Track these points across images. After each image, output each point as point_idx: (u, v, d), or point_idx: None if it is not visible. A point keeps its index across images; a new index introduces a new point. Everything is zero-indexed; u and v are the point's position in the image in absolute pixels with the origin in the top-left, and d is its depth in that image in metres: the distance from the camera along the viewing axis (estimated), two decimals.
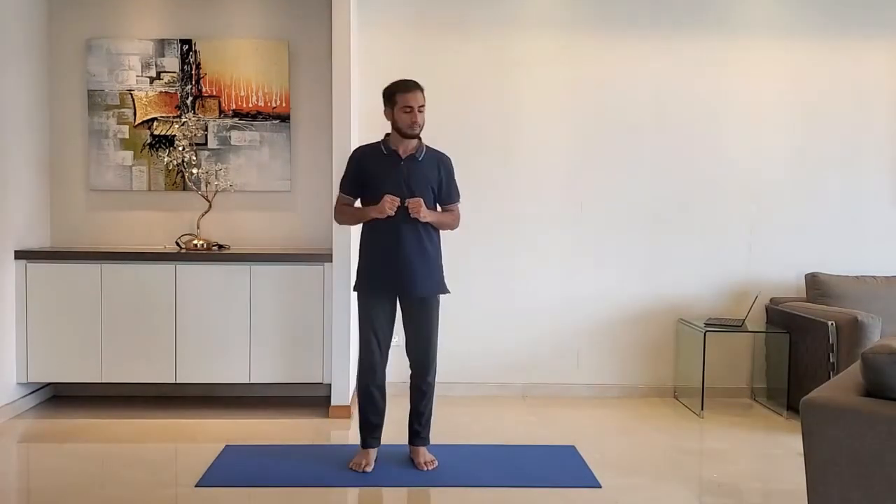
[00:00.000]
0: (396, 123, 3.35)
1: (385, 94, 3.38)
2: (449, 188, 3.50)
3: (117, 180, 4.68)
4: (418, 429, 3.53)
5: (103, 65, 4.64)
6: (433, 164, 3.44)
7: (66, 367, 4.29)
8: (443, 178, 3.46)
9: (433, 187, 3.43)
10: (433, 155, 3.47)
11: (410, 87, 3.34)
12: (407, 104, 3.30)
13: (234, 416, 4.29)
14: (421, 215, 3.31)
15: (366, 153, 3.49)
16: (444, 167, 3.48)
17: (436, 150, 3.50)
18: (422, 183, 3.38)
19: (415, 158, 3.40)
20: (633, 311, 4.86)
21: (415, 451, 3.53)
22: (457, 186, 3.55)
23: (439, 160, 3.48)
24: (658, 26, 4.78)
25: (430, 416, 3.56)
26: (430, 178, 3.42)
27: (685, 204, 4.84)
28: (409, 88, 3.33)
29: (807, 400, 2.25)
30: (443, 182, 3.46)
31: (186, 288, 4.28)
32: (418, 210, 3.30)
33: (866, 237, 4.89)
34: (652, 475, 3.46)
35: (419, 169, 3.39)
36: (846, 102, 4.86)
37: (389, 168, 3.38)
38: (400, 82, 3.37)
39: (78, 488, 3.22)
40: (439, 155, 3.50)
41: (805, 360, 4.38)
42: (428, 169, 3.42)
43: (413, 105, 3.30)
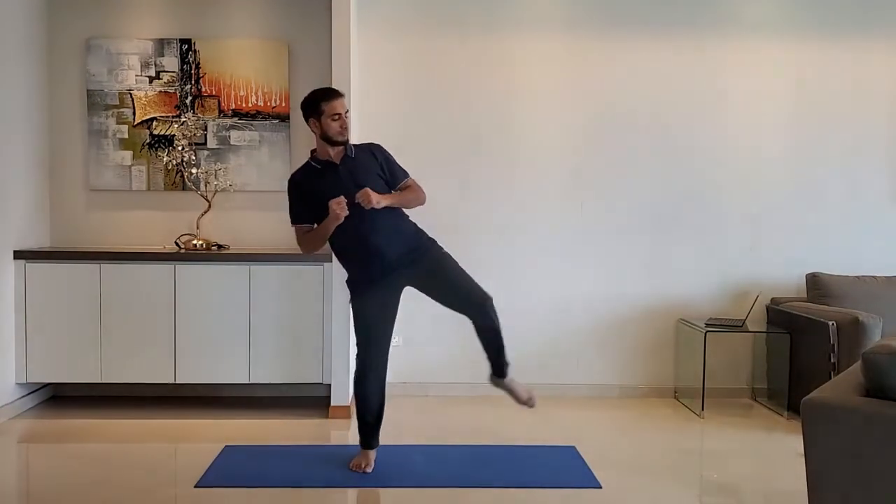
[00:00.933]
0: (326, 132, 3.30)
1: (308, 105, 3.33)
2: (392, 170, 3.46)
3: (117, 180, 4.68)
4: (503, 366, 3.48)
5: (103, 65, 4.64)
6: (367, 155, 3.42)
7: (65, 368, 4.28)
8: (382, 163, 3.43)
9: (379, 174, 3.40)
10: (363, 147, 3.46)
11: (334, 94, 3.32)
12: (335, 112, 3.28)
13: (233, 416, 4.29)
14: (374, 202, 3.24)
15: (301, 178, 3.43)
16: (379, 153, 3.45)
17: (362, 144, 3.51)
18: (367, 176, 3.34)
19: (348, 158, 3.38)
20: (633, 311, 4.86)
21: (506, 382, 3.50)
22: (399, 165, 3.50)
23: (370, 149, 3.46)
24: (658, 26, 4.77)
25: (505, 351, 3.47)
26: (371, 168, 3.39)
27: (685, 204, 4.84)
28: (333, 96, 3.31)
29: (807, 400, 2.25)
30: (384, 168, 3.42)
31: (186, 288, 4.27)
32: (369, 200, 3.23)
33: (866, 237, 4.88)
34: (652, 475, 3.46)
35: (357, 164, 3.37)
36: (846, 102, 4.85)
37: (329, 179, 3.34)
38: (320, 92, 3.35)
39: (77, 488, 3.21)
40: (367, 146, 3.49)
41: (805, 360, 4.38)
42: (365, 161, 3.39)
43: (340, 111, 3.29)
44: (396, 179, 3.47)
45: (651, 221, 4.84)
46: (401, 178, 3.49)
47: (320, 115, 3.29)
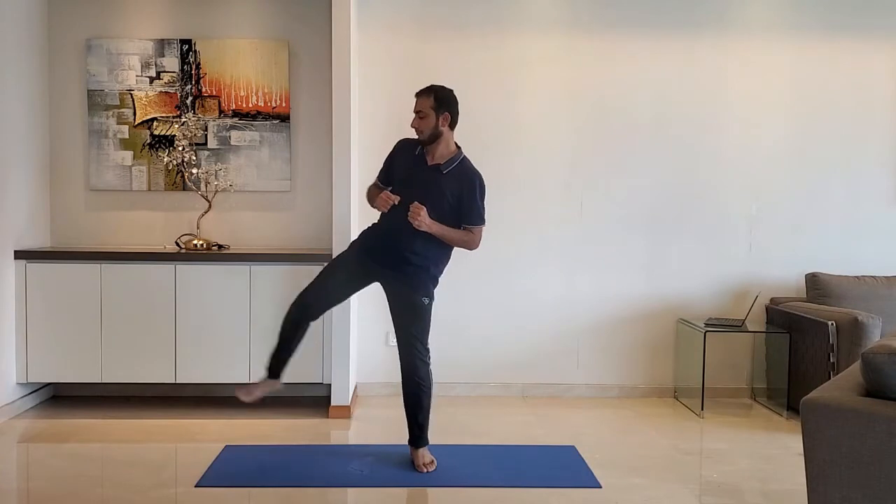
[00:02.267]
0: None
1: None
2: (469, 209, 3.41)
3: (117, 180, 4.68)
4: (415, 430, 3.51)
5: (103, 65, 4.64)
6: (455, 179, 3.39)
7: (65, 368, 4.28)
8: (463, 196, 3.38)
9: (451, 202, 3.37)
10: (462, 170, 3.42)
11: (420, 92, 3.42)
12: (415, 108, 3.40)
13: (234, 416, 4.29)
14: (417, 222, 3.26)
15: (403, 148, 3.54)
16: (467, 186, 3.40)
17: (467, 167, 3.44)
18: (436, 196, 3.34)
19: (438, 169, 3.38)
20: (633, 311, 4.86)
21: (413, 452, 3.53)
22: (479, 210, 3.44)
23: (463, 177, 3.40)
24: (658, 26, 4.78)
25: (427, 417, 3.51)
26: (445, 192, 3.36)
27: (685, 204, 4.84)
28: (418, 93, 3.42)
29: (807, 400, 2.25)
30: (462, 201, 3.39)
31: (186, 288, 4.27)
32: (416, 216, 3.26)
33: (866, 237, 4.89)
34: (652, 475, 3.46)
35: (438, 180, 3.36)
36: (846, 102, 4.85)
37: (413, 169, 3.41)
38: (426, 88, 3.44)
39: (77, 488, 3.22)
40: (467, 172, 3.43)
41: (805, 360, 4.38)
42: (447, 183, 3.37)
43: (414, 110, 3.39)
44: (466, 219, 3.43)
45: (651, 221, 4.84)
46: (473, 221, 3.44)
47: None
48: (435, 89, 3.39)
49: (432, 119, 3.35)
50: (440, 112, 3.36)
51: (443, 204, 3.35)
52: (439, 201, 3.35)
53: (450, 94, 3.41)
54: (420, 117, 3.37)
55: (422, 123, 3.37)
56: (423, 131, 3.37)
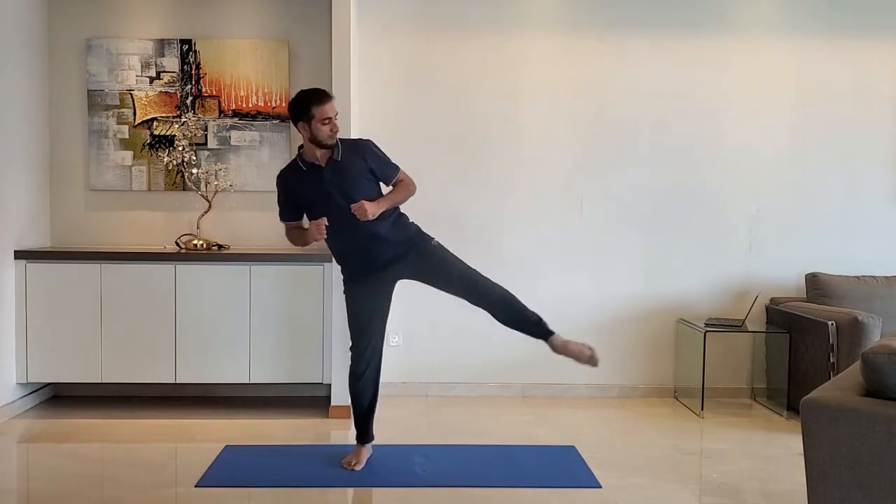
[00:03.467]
0: (315, 136, 3.23)
1: (297, 108, 3.25)
2: (383, 168, 3.38)
3: (117, 180, 4.68)
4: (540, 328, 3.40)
5: (103, 65, 4.64)
6: (354, 155, 3.33)
7: (65, 368, 4.28)
8: (370, 163, 3.34)
9: (367, 177, 3.34)
10: (350, 146, 3.37)
11: (325, 98, 3.24)
12: (325, 116, 3.21)
13: (234, 416, 4.29)
14: (370, 215, 3.22)
15: (287, 177, 3.41)
16: (367, 152, 3.36)
17: (350, 141, 3.42)
18: (352, 181, 3.29)
19: (334, 161, 3.30)
20: (633, 311, 4.86)
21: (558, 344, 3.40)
22: (389, 160, 3.40)
23: (359, 149, 3.37)
24: (658, 26, 4.77)
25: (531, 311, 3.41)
26: (358, 170, 3.31)
27: (685, 204, 4.84)
28: (324, 99, 3.23)
29: (807, 400, 2.25)
30: (373, 167, 3.35)
31: (186, 288, 4.27)
32: (365, 213, 3.21)
33: (866, 237, 4.88)
34: (652, 475, 3.46)
35: (343, 168, 3.30)
36: (846, 102, 4.85)
37: (315, 183, 3.30)
38: (311, 94, 3.26)
39: (78, 488, 3.22)
40: (355, 143, 3.41)
41: (805, 360, 4.38)
42: (352, 163, 3.31)
43: (331, 115, 3.22)
44: (388, 178, 3.41)
45: (651, 221, 4.84)
46: (392, 175, 3.41)
47: (311, 119, 3.21)
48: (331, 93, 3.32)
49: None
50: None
51: (363, 183, 3.31)
52: (359, 183, 3.30)
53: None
54: (335, 119, 3.26)
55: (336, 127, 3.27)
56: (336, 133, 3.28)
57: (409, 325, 4.74)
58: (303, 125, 3.25)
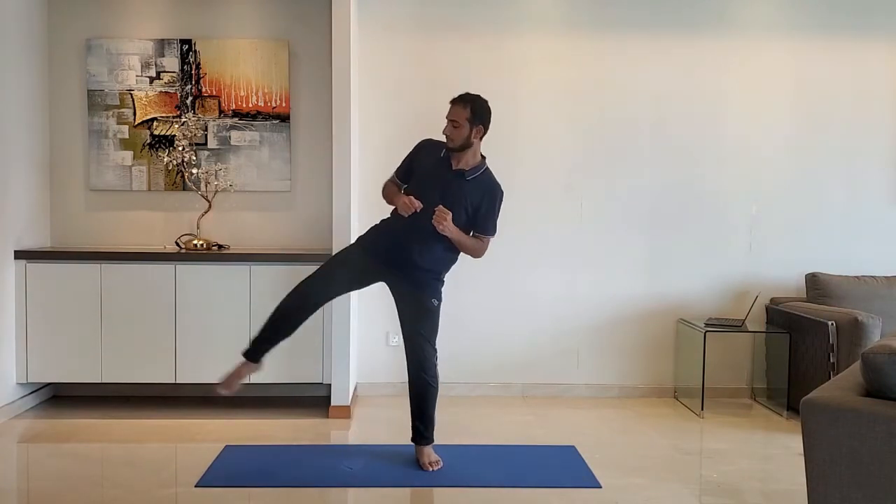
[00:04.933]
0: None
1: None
2: (485, 219, 3.41)
3: (117, 180, 4.68)
4: (420, 428, 3.53)
5: (103, 65, 4.64)
6: (478, 188, 3.38)
7: (65, 368, 4.28)
8: (482, 206, 3.38)
9: (468, 210, 3.37)
10: (484, 180, 3.41)
11: (454, 100, 3.39)
12: (448, 116, 3.37)
13: (234, 416, 4.29)
14: (441, 227, 3.25)
15: (427, 147, 3.50)
16: (488, 197, 3.40)
17: (491, 178, 3.44)
18: (456, 201, 3.33)
19: (463, 174, 3.36)
20: (633, 311, 4.86)
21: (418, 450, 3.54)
22: (495, 222, 3.45)
23: (486, 188, 3.40)
24: (658, 26, 4.78)
25: (432, 415, 3.55)
26: (467, 200, 3.36)
27: (685, 204, 4.84)
28: (453, 101, 3.39)
29: (807, 400, 2.25)
30: (480, 210, 3.38)
31: (186, 288, 4.27)
32: (441, 220, 3.24)
33: (866, 237, 4.89)
34: (652, 475, 3.46)
35: (461, 186, 3.35)
36: (846, 102, 4.85)
37: (436, 171, 3.38)
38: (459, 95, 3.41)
39: (77, 488, 3.22)
40: (490, 183, 3.43)
41: (805, 360, 4.38)
42: (470, 191, 3.36)
43: (447, 117, 3.36)
44: (480, 228, 3.43)
45: (651, 221, 4.84)
46: (486, 231, 3.45)
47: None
48: (472, 100, 3.36)
49: (466, 130, 3.33)
50: (475, 124, 3.35)
51: (460, 210, 3.34)
52: (458, 206, 3.33)
53: (486, 106, 3.40)
54: (454, 126, 3.33)
55: (454, 133, 3.33)
56: (455, 140, 3.34)
57: None
58: None
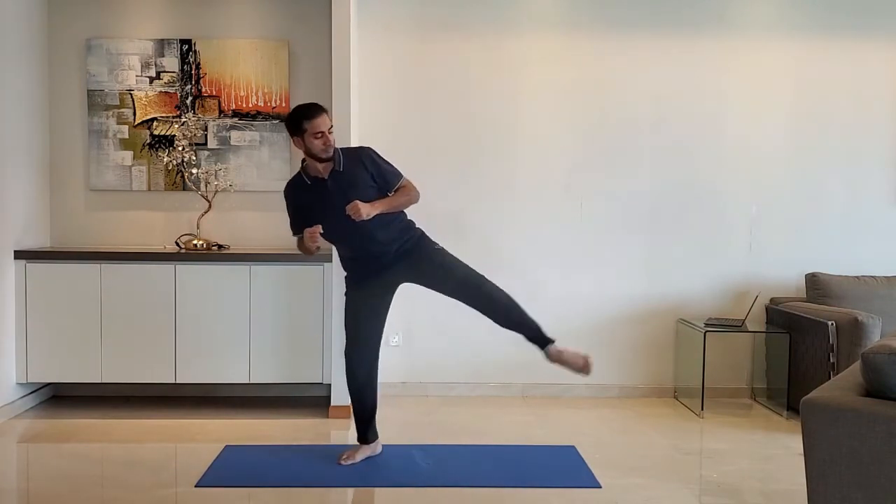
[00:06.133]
0: (310, 150, 3.27)
1: (291, 123, 3.29)
2: (384, 176, 3.38)
3: (117, 180, 4.68)
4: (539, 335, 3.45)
5: (103, 65, 4.64)
6: (356, 165, 3.35)
7: (65, 368, 4.28)
8: (371, 170, 3.36)
9: (371, 184, 3.35)
10: (351, 156, 3.38)
11: (316, 112, 3.25)
12: (317, 130, 3.22)
13: (234, 416, 4.29)
14: (364, 215, 3.21)
15: (293, 190, 3.43)
16: (368, 161, 3.37)
17: (350, 149, 3.45)
18: (356, 189, 3.30)
19: (336, 172, 3.33)
20: (633, 311, 4.86)
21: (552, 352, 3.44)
22: (391, 167, 3.41)
23: (360, 157, 3.38)
24: (658, 26, 4.77)
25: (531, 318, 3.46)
26: (361, 179, 3.33)
27: (685, 204, 4.84)
28: (315, 114, 3.25)
29: (807, 400, 2.25)
30: (374, 174, 3.36)
31: (186, 288, 4.27)
32: (359, 213, 3.20)
33: (866, 237, 4.88)
34: (652, 475, 3.46)
35: (346, 179, 3.32)
36: (846, 102, 4.85)
37: (318, 195, 3.33)
38: (303, 109, 3.28)
39: (77, 488, 3.22)
40: (355, 151, 3.43)
41: (805, 360, 4.38)
42: (354, 173, 3.34)
43: (323, 129, 3.23)
44: (389, 184, 3.41)
45: (651, 221, 4.84)
46: (394, 182, 3.41)
47: (303, 133, 3.24)
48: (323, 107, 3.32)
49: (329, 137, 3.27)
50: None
51: (366, 191, 3.31)
52: (363, 192, 3.30)
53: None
54: (329, 133, 3.26)
55: (329, 140, 3.26)
56: (330, 147, 3.28)
57: (409, 325, 4.74)
58: (297, 140, 3.29)
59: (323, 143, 3.25)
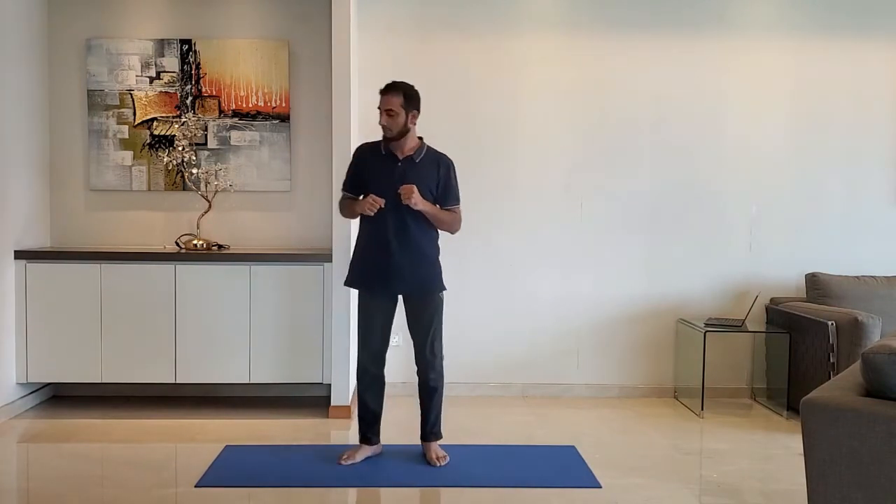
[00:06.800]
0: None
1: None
2: (447, 190, 3.48)
3: (117, 180, 4.68)
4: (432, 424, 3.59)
5: (103, 65, 4.64)
6: (432, 165, 3.46)
7: (65, 368, 4.28)
8: (441, 179, 3.46)
9: (431, 189, 3.44)
10: (433, 156, 3.49)
11: (386, 89, 3.39)
12: (381, 106, 3.38)
13: (234, 416, 4.29)
14: (412, 201, 3.30)
15: (365, 152, 3.54)
16: (444, 168, 3.48)
17: (436, 152, 3.52)
18: (419, 183, 3.37)
19: (412, 160, 3.42)
20: (633, 311, 4.86)
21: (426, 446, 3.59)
22: (456, 190, 3.53)
23: (438, 161, 3.48)
24: (658, 26, 4.78)
25: (440, 411, 3.60)
26: (427, 178, 3.43)
27: (685, 204, 4.84)
28: (385, 91, 3.39)
29: (807, 400, 2.25)
30: (440, 183, 3.46)
31: (186, 288, 4.27)
32: (409, 195, 3.29)
33: (866, 237, 4.89)
34: (652, 475, 3.46)
35: (416, 170, 3.41)
36: (846, 102, 4.85)
37: (386, 168, 3.42)
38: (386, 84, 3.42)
39: (78, 488, 3.22)
40: (439, 156, 3.51)
41: (805, 360, 4.38)
42: (425, 170, 3.43)
43: (381, 107, 3.37)
44: (446, 201, 3.49)
45: (651, 221, 4.84)
46: (451, 202, 3.50)
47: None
48: (403, 87, 3.39)
49: (402, 117, 3.36)
50: (409, 110, 3.38)
51: (424, 191, 3.39)
52: (422, 190, 3.38)
53: (416, 91, 3.43)
54: (389, 115, 3.36)
55: (391, 121, 3.37)
56: (393, 129, 3.38)
57: None
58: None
59: (384, 119, 3.35)
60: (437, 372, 3.58)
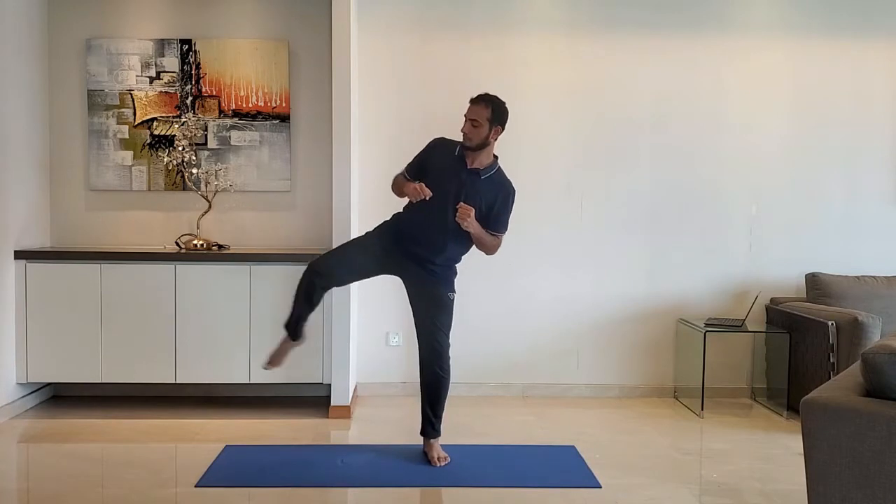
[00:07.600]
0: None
1: None
2: (498, 216, 3.45)
3: (117, 180, 4.68)
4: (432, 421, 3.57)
5: (103, 65, 4.64)
6: (494, 186, 3.42)
7: (65, 368, 4.28)
8: (497, 204, 3.43)
9: (482, 209, 3.40)
10: (498, 179, 3.45)
11: (475, 100, 3.39)
12: (467, 115, 3.37)
13: (234, 416, 4.29)
14: (465, 223, 3.30)
15: (440, 146, 3.51)
16: (502, 195, 3.44)
17: (504, 176, 3.48)
18: (470, 199, 3.36)
19: (478, 173, 3.40)
20: (633, 311, 4.86)
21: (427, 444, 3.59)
22: (507, 219, 3.49)
23: (500, 186, 3.45)
24: (658, 26, 4.78)
25: (443, 409, 3.59)
26: (483, 198, 3.40)
27: (685, 204, 4.84)
28: (473, 101, 3.39)
29: (807, 400, 2.25)
30: (495, 207, 3.43)
31: (186, 288, 4.27)
32: (465, 217, 3.29)
33: (866, 237, 4.89)
34: (652, 475, 3.46)
35: (476, 185, 3.39)
36: (846, 102, 4.85)
37: (451, 170, 3.40)
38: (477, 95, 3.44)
39: (78, 488, 3.22)
40: (504, 180, 3.47)
41: (805, 360, 4.38)
42: (485, 188, 3.40)
43: (467, 116, 3.37)
44: (492, 226, 3.46)
45: (651, 221, 4.84)
46: (498, 228, 3.48)
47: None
48: (492, 100, 3.37)
49: (485, 130, 3.34)
50: (494, 125, 3.36)
51: (475, 207, 3.37)
52: (473, 204, 3.36)
53: (506, 108, 3.41)
54: (474, 125, 3.34)
55: (473, 132, 3.35)
56: (473, 139, 3.36)
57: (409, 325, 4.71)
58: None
59: (467, 127, 3.36)
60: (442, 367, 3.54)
